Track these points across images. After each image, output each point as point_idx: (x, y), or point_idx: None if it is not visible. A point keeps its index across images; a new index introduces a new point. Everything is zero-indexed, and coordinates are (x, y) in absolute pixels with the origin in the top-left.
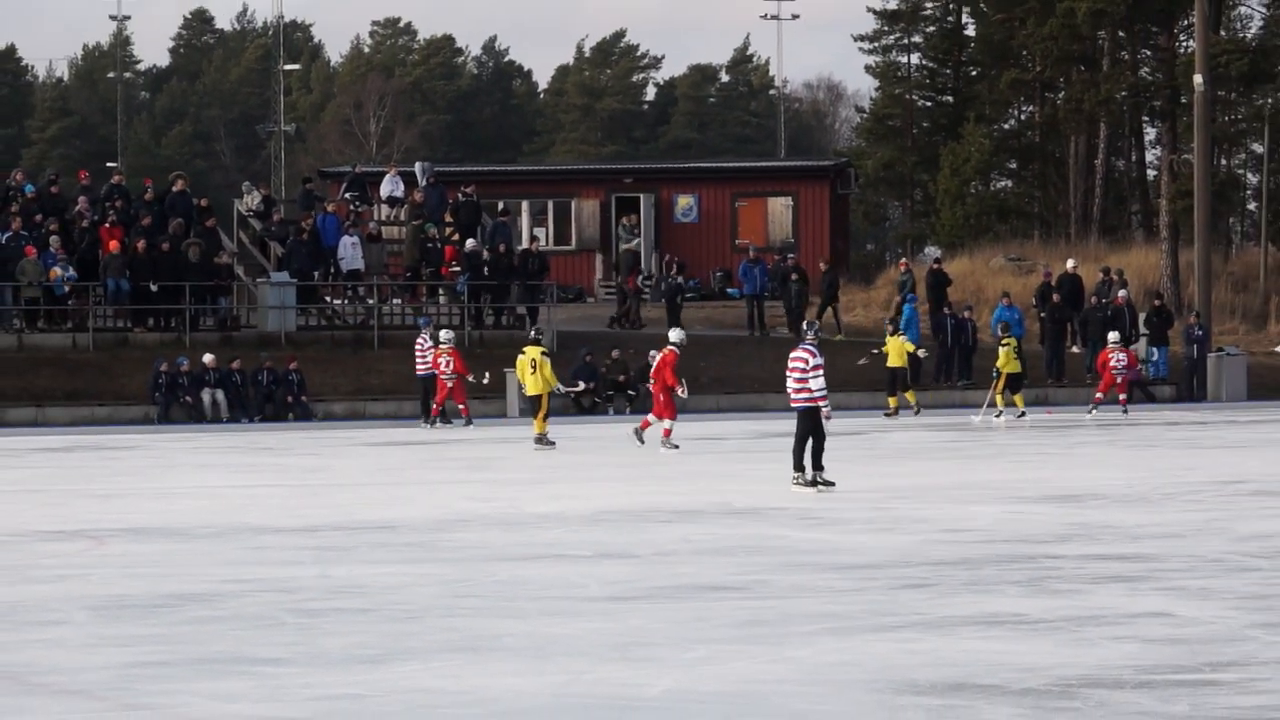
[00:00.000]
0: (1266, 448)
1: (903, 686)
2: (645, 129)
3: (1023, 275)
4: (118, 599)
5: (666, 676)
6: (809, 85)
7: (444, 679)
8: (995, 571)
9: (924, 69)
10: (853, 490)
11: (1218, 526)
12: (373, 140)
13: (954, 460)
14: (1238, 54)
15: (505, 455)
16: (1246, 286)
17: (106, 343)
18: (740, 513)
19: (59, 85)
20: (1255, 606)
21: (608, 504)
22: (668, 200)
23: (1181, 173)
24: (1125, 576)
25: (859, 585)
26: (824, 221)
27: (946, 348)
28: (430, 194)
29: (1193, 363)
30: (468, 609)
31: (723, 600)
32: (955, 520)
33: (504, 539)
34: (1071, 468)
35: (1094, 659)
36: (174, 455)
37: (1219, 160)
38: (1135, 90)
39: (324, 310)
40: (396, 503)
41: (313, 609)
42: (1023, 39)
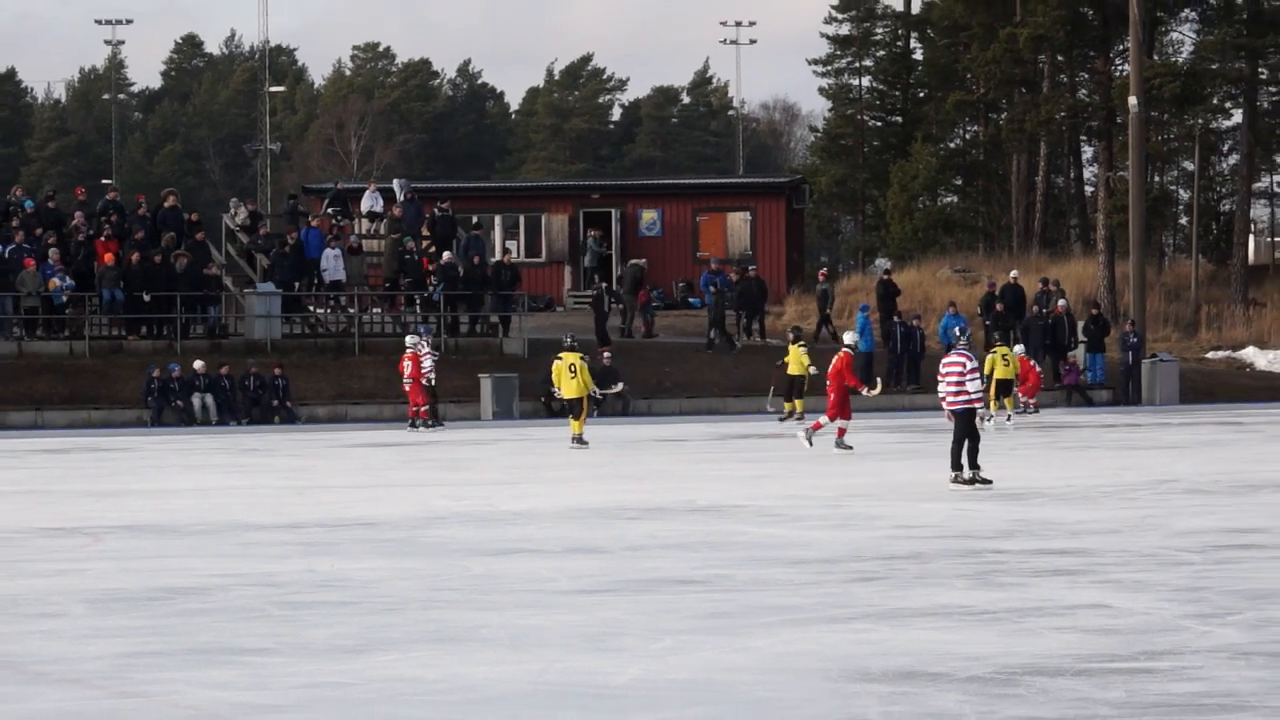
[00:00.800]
0: (1197, 449)
1: (856, 674)
2: (611, 147)
3: (968, 286)
4: (113, 592)
5: (634, 665)
6: (766, 106)
7: (422, 668)
8: (944, 566)
9: (874, 91)
10: (808, 489)
11: (1152, 523)
12: (354, 158)
13: (905, 460)
14: (1170, 77)
15: (480, 456)
16: (1179, 296)
17: (102, 350)
18: (703, 510)
19: (57, 106)
20: (1187, 599)
21: (578, 502)
22: (633, 215)
23: (1117, 189)
24: (1065, 570)
25: (815, 579)
26: (780, 235)
27: (897, 354)
28: (408, 209)
29: (1128, 368)
30: (445, 602)
31: (687, 593)
32: (906, 517)
33: (479, 535)
34: (1015, 468)
35: (1036, 648)
36: (166, 456)
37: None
38: (1074, 111)
39: (307, 319)
40: (377, 501)
41: (297, 602)
42: (967, 63)
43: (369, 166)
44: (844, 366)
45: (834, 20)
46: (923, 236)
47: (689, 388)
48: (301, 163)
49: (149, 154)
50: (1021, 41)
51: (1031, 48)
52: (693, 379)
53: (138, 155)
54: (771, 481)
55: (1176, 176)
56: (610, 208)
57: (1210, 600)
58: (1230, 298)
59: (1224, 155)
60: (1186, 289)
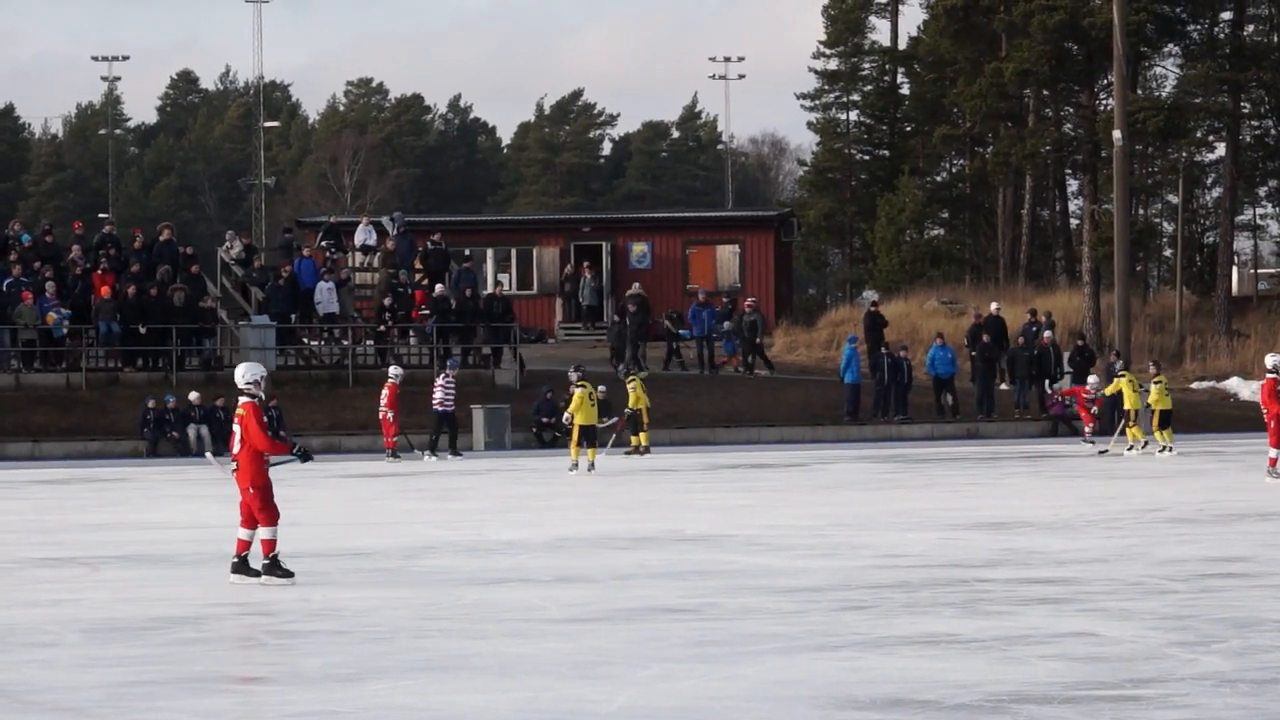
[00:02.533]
0: (1181, 478)
1: (844, 702)
2: (602, 181)
3: (954, 317)
4: (108, 622)
5: (623, 693)
6: (754, 140)
7: (414, 696)
8: (931, 594)
9: (862, 125)
10: (796, 518)
11: (1137, 552)
12: (347, 192)
13: (891, 490)
14: (1154, 111)
15: (472, 486)
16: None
17: (98, 382)
18: (692, 539)
19: (54, 141)
20: (1173, 626)
21: (568, 532)
22: (623, 248)
23: (1102, 221)
24: (1051, 599)
25: (803, 607)
26: (769, 267)
27: (884, 385)
28: (401, 242)
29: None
30: (436, 630)
31: (676, 622)
32: (893, 546)
33: (470, 565)
34: (1001, 497)
35: (1023, 676)
36: (162, 487)
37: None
38: (1059, 145)
39: (301, 351)
40: (369, 531)
41: (291, 631)
42: (953, 97)
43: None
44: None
45: (822, 55)
46: (910, 269)
47: (678, 418)
48: (296, 196)
49: (145, 188)
50: (1007, 76)
51: (1017, 82)
52: (682, 410)
53: (134, 189)
54: (759, 511)
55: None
56: (601, 241)
57: (1195, 628)
58: (1214, 329)
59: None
60: (1171, 320)
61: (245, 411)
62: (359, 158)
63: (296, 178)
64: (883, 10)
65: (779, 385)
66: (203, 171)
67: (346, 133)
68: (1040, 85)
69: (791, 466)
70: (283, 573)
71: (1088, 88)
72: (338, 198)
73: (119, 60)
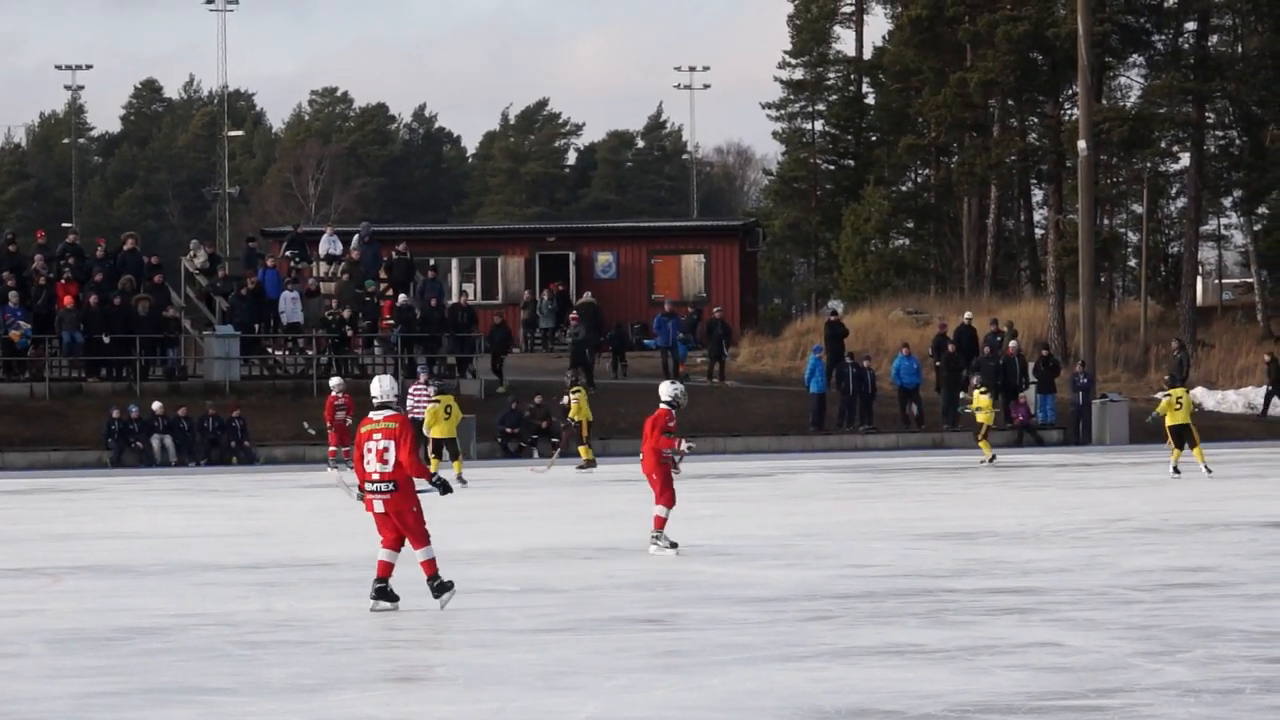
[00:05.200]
0: (1147, 488)
1: (810, 713)
2: (567, 191)
3: (920, 327)
4: (72, 632)
5: (590, 704)
6: (720, 150)
7: (379, 707)
8: (896, 604)
9: (827, 135)
10: (762, 528)
11: (1103, 562)
12: (312, 202)
13: (856, 500)
14: (1118, 121)
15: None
16: (1128, 337)
17: (62, 391)
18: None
19: (17, 150)
20: (1138, 636)
21: (533, 542)
22: (588, 257)
23: (1067, 231)
24: (1017, 609)
25: (768, 617)
26: (734, 277)
27: (849, 395)
28: (366, 252)
29: (1078, 408)
30: (402, 641)
31: (642, 632)
32: (858, 556)
33: None
34: (966, 506)
35: (988, 686)
36: (126, 497)
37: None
38: (1024, 155)
39: (266, 360)
40: (334, 541)
41: (256, 641)
42: (919, 107)
43: (327, 210)
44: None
45: (787, 65)
46: (875, 278)
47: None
48: (260, 206)
49: (109, 197)
50: (972, 86)
51: (982, 92)
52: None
53: (97, 199)
54: (724, 521)
55: (1125, 219)
56: (566, 251)
57: (1160, 638)
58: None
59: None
60: (1136, 330)
61: (398, 426)
62: (323, 167)
63: (261, 187)
64: (848, 20)
65: (744, 395)
66: (167, 181)
67: (311, 142)
68: (1005, 95)
69: (757, 476)
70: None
71: (1052, 98)
72: (302, 207)
73: (82, 69)
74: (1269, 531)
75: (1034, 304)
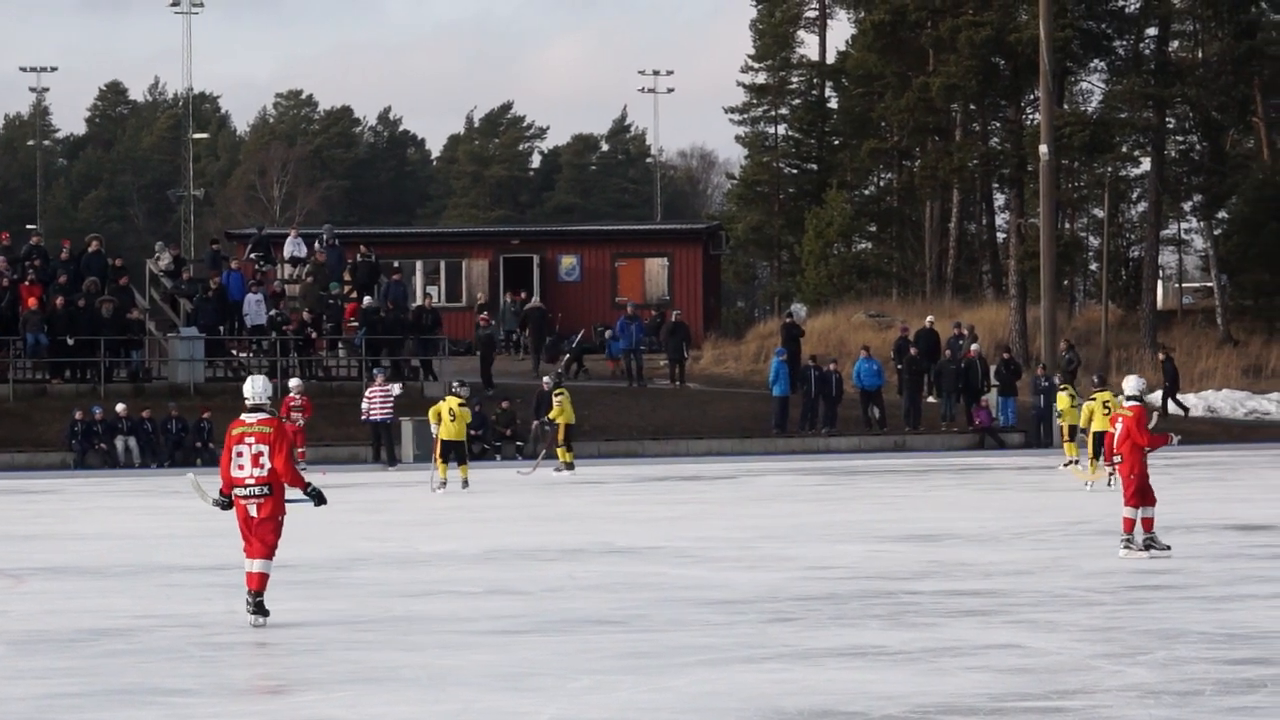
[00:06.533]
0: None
1: (772, 714)
2: (531, 194)
3: (882, 330)
4: (36, 634)
5: (553, 705)
6: (683, 154)
7: (344, 709)
8: (858, 606)
9: (790, 139)
10: (724, 530)
11: (1063, 564)
12: (276, 204)
13: (819, 502)
14: (1079, 126)
15: (401, 498)
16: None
17: (26, 393)
18: (621, 551)
19: None
20: (1098, 638)
21: (497, 544)
22: (552, 260)
23: (1028, 235)
24: (978, 610)
25: (731, 619)
26: (697, 280)
27: (811, 397)
28: (331, 255)
29: (1040, 412)
30: (366, 642)
31: (605, 633)
32: (821, 558)
33: (399, 577)
34: (928, 509)
35: (949, 687)
36: (89, 499)
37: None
38: (985, 159)
39: (230, 362)
40: (298, 542)
41: (219, 642)
42: (881, 111)
43: (291, 212)
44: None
45: (750, 69)
46: (837, 282)
47: (607, 430)
48: (225, 208)
49: (73, 199)
50: (934, 91)
51: (944, 97)
52: (611, 421)
53: (62, 201)
54: (687, 523)
55: (1086, 223)
56: (530, 254)
57: (1121, 640)
58: (1139, 342)
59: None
60: (1097, 334)
61: (273, 430)
62: (288, 170)
63: (225, 189)
64: (811, 25)
65: (707, 398)
66: (131, 183)
67: (275, 144)
68: (967, 100)
69: (720, 479)
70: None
71: (1014, 103)
72: (267, 210)
73: (47, 71)
74: (1229, 534)
75: (995, 307)
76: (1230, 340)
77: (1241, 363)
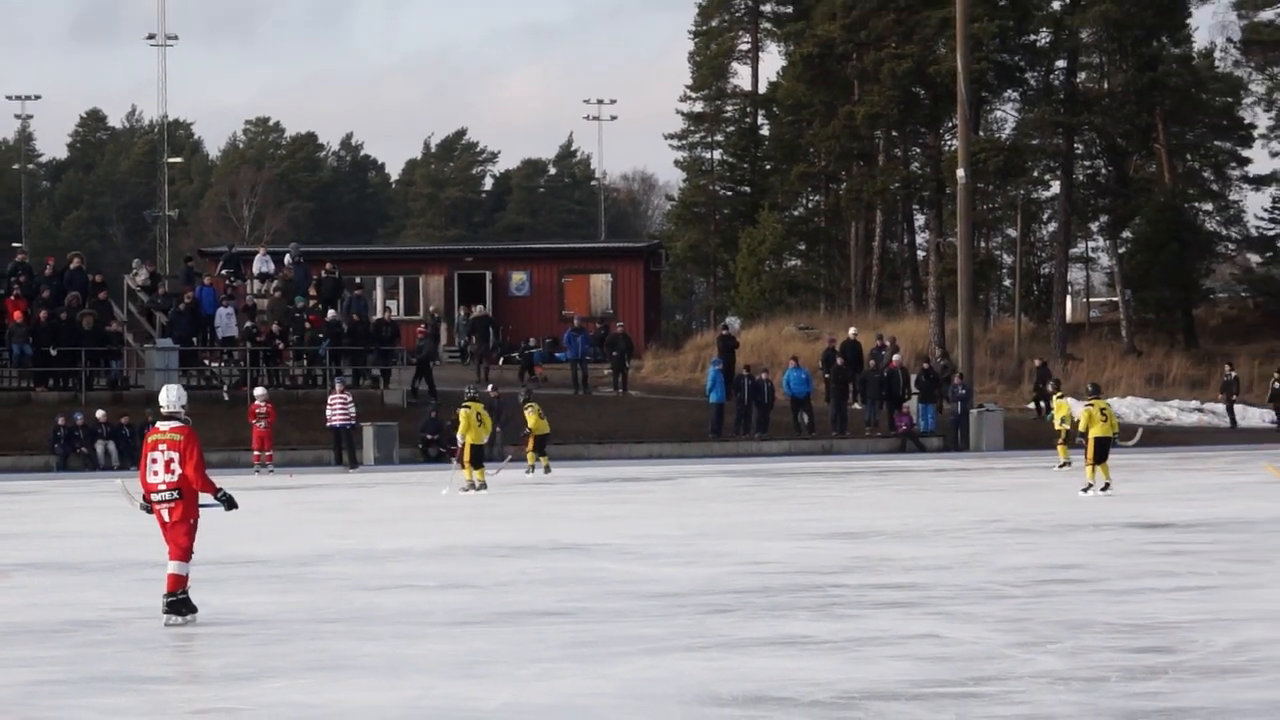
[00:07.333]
0: (1020, 491)
1: (708, 700)
2: (484, 214)
3: (810, 342)
4: (20, 625)
5: (504, 691)
6: (625, 177)
7: (308, 694)
8: (788, 599)
9: (725, 163)
10: (664, 528)
11: (979, 560)
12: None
13: (752, 502)
14: (994, 152)
15: (362, 498)
16: (1003, 352)
17: (11, 400)
18: (567, 548)
19: None
20: (1012, 629)
21: (452, 541)
22: (504, 276)
23: (946, 253)
24: (900, 603)
25: (670, 611)
26: (639, 295)
27: (745, 404)
28: (297, 271)
29: (957, 418)
30: (329, 633)
31: (552, 625)
32: (754, 554)
33: (361, 571)
34: (854, 508)
35: (873, 674)
36: (71, 499)
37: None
38: (907, 182)
39: (203, 372)
40: (266, 540)
41: (192, 633)
42: (809, 138)
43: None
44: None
45: (688, 98)
46: (769, 297)
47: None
48: (198, 228)
49: (56, 219)
50: (859, 118)
51: (868, 124)
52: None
53: (45, 221)
54: (629, 522)
55: (1000, 242)
56: (483, 270)
57: (1032, 630)
58: (1050, 353)
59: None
60: (1010, 345)
61: (183, 438)
62: (257, 192)
63: (198, 210)
64: (744, 57)
65: (648, 405)
66: (110, 204)
67: (245, 168)
68: (889, 127)
69: (660, 480)
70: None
71: (933, 130)
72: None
73: (31, 99)
74: (1133, 531)
75: (916, 320)
76: (1134, 351)
77: (1144, 372)
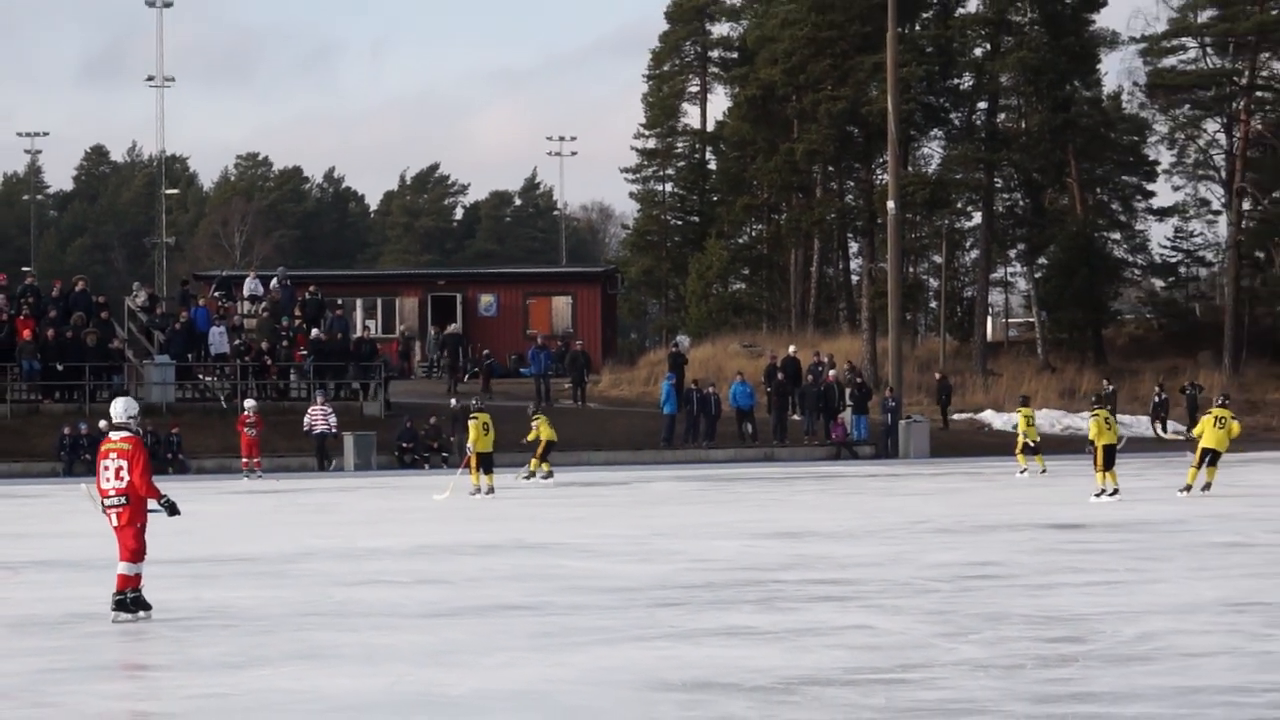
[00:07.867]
0: (945, 495)
1: (658, 685)
2: (455, 242)
3: (754, 358)
4: (29, 618)
5: (472, 678)
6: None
7: (293, 681)
8: (733, 593)
9: (676, 195)
10: (620, 529)
11: (907, 557)
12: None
13: (701, 505)
14: (921, 185)
15: (343, 502)
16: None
17: (21, 411)
18: (531, 547)
19: None
20: (937, 620)
21: (425, 540)
22: (473, 298)
23: (878, 278)
24: (835, 597)
25: (624, 605)
26: (596, 315)
27: (694, 415)
28: (283, 293)
29: (888, 428)
30: (312, 624)
31: (517, 617)
32: (702, 552)
33: (341, 568)
34: (793, 510)
35: (810, 662)
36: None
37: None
38: (842, 213)
39: (197, 385)
40: (255, 539)
41: (187, 625)
42: (753, 172)
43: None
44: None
45: (642, 135)
46: (716, 317)
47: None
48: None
49: (63, 246)
50: (798, 155)
51: (806, 160)
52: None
53: (53, 247)
54: (587, 523)
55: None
56: (454, 292)
57: (955, 622)
58: (972, 369)
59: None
60: (936, 361)
61: (131, 447)
62: (247, 221)
63: (193, 238)
64: (694, 98)
65: (605, 416)
66: (112, 232)
67: (236, 199)
68: (826, 163)
69: (616, 485)
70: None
71: (866, 165)
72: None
73: (40, 135)
74: (1047, 532)
75: (850, 339)
76: (1049, 367)
77: (1058, 386)
